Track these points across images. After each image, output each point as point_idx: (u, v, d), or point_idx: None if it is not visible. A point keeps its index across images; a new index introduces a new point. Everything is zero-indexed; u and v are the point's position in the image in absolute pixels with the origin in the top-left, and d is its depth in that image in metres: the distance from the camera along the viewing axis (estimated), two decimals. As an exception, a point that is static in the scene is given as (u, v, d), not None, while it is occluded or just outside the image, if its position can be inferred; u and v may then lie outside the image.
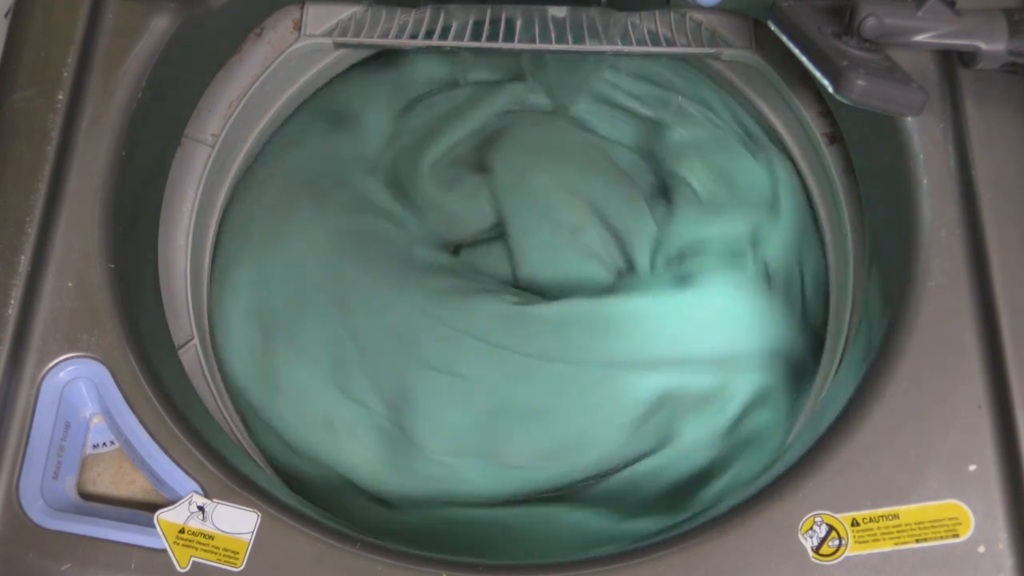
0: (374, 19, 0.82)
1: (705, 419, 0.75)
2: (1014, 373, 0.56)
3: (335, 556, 0.56)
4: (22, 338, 0.61)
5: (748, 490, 0.58)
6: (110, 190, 0.64)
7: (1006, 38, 0.60)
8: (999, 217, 0.60)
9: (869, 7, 0.59)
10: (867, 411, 0.57)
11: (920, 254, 0.60)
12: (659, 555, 0.55)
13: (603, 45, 0.80)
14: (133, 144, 0.66)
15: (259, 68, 0.82)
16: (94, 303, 0.61)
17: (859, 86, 0.57)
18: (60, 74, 0.66)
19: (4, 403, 0.59)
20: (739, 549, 0.55)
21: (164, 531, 0.57)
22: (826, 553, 0.54)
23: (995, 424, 0.56)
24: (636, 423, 0.75)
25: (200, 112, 0.78)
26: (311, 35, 0.82)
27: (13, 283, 0.61)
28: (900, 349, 0.58)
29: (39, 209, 0.63)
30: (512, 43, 0.79)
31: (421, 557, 0.56)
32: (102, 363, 0.60)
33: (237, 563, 0.56)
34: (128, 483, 0.62)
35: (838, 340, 0.73)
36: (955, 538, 0.54)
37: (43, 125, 0.65)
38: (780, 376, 0.76)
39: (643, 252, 0.84)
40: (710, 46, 0.80)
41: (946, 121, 0.63)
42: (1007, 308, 0.58)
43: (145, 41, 0.67)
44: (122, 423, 0.59)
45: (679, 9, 0.81)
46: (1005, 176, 0.61)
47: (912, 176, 0.62)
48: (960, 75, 0.64)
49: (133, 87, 0.66)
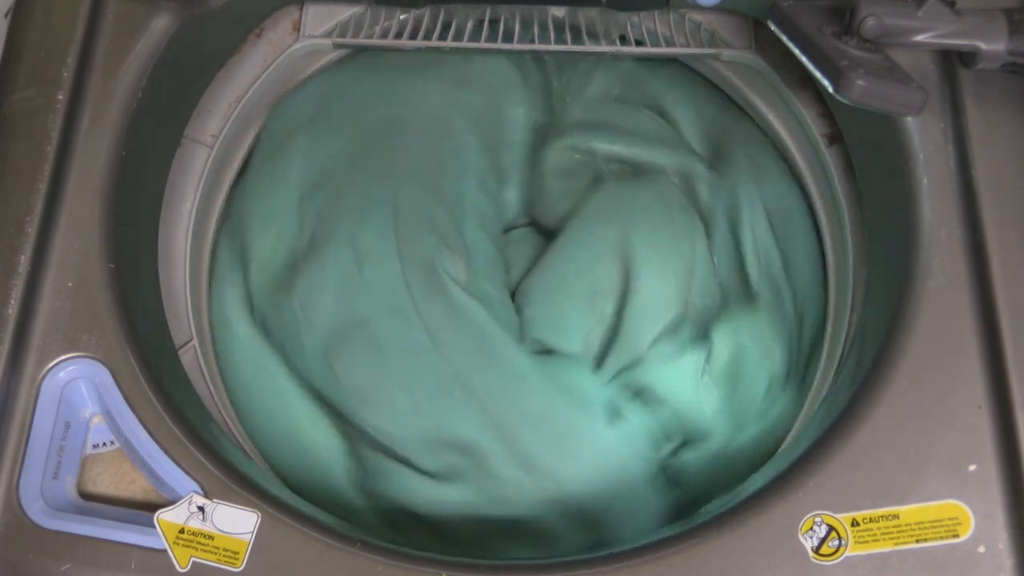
0: (373, 19, 0.82)
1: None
2: (1014, 373, 0.56)
3: (335, 556, 0.56)
4: (22, 338, 0.61)
5: (748, 490, 0.58)
6: (110, 190, 0.64)
7: (1006, 38, 0.60)
8: (999, 217, 0.60)
9: (869, 7, 0.59)
10: (867, 411, 0.57)
11: (920, 254, 0.60)
12: (659, 555, 0.55)
13: (603, 45, 0.80)
14: (133, 144, 0.66)
15: (258, 69, 0.82)
16: (94, 303, 0.61)
17: (859, 86, 0.57)
18: (60, 74, 0.66)
19: (4, 403, 0.59)
20: (739, 549, 0.55)
21: (164, 531, 0.57)
22: (826, 553, 0.54)
23: (995, 424, 0.56)
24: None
25: (200, 112, 0.78)
26: (310, 35, 0.82)
27: (13, 283, 0.61)
28: (900, 349, 0.58)
29: (39, 209, 0.63)
30: (512, 43, 0.79)
31: (421, 557, 0.56)
32: (102, 363, 0.60)
33: (237, 563, 0.56)
34: (128, 483, 0.62)
35: (838, 340, 0.73)
36: (955, 538, 0.54)
37: (43, 125, 0.65)
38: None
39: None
40: (709, 46, 0.80)
41: (946, 121, 0.63)
42: (1007, 308, 0.58)
43: (145, 41, 0.67)
44: (122, 423, 0.59)
45: (679, 9, 0.81)
46: (1005, 176, 0.61)
47: (912, 176, 0.62)
48: (960, 75, 0.64)
49: (133, 87, 0.67)
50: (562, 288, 0.80)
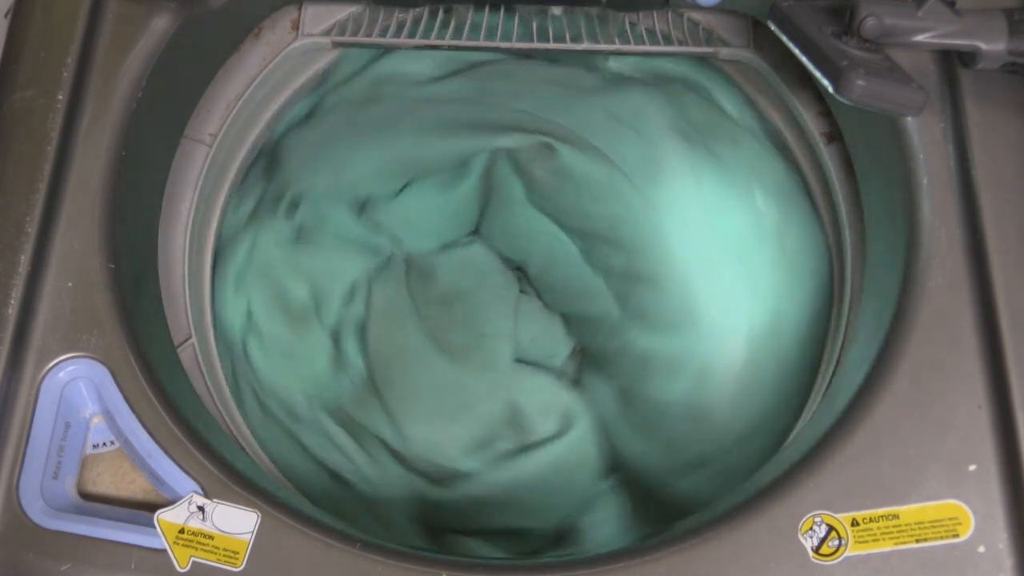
0: (372, 18, 0.82)
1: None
2: (1014, 373, 0.56)
3: (335, 556, 0.56)
4: (22, 338, 0.61)
5: (748, 490, 0.58)
6: (110, 190, 0.64)
7: (1006, 38, 0.60)
8: (999, 217, 0.60)
9: (869, 7, 0.59)
10: (867, 411, 0.57)
11: (920, 254, 0.60)
12: (659, 555, 0.55)
13: (601, 45, 0.80)
14: (133, 144, 0.66)
15: (257, 68, 0.82)
16: (94, 303, 0.61)
17: (859, 86, 0.57)
18: (60, 74, 0.66)
19: (4, 403, 0.59)
20: (739, 549, 0.55)
21: (164, 531, 0.57)
22: (826, 553, 0.54)
23: (995, 424, 0.56)
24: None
25: (199, 112, 0.78)
26: (309, 34, 0.82)
27: (13, 283, 0.61)
28: (900, 349, 0.58)
29: (39, 209, 0.63)
30: (511, 43, 0.79)
31: (421, 557, 0.56)
32: (102, 363, 0.60)
33: (237, 563, 0.56)
34: (128, 483, 0.62)
35: (837, 340, 0.73)
36: (955, 538, 0.54)
37: (43, 125, 0.65)
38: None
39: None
40: (708, 45, 0.80)
41: (946, 121, 0.63)
42: (1007, 308, 0.58)
43: (145, 41, 0.67)
44: (122, 423, 0.59)
45: (678, 9, 0.81)
46: (1005, 176, 0.61)
47: (912, 176, 0.62)
48: (960, 75, 0.64)
49: (133, 87, 0.66)
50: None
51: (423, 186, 0.89)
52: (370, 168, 0.86)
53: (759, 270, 0.79)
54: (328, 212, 0.86)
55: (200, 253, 0.80)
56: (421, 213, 0.90)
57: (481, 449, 0.81)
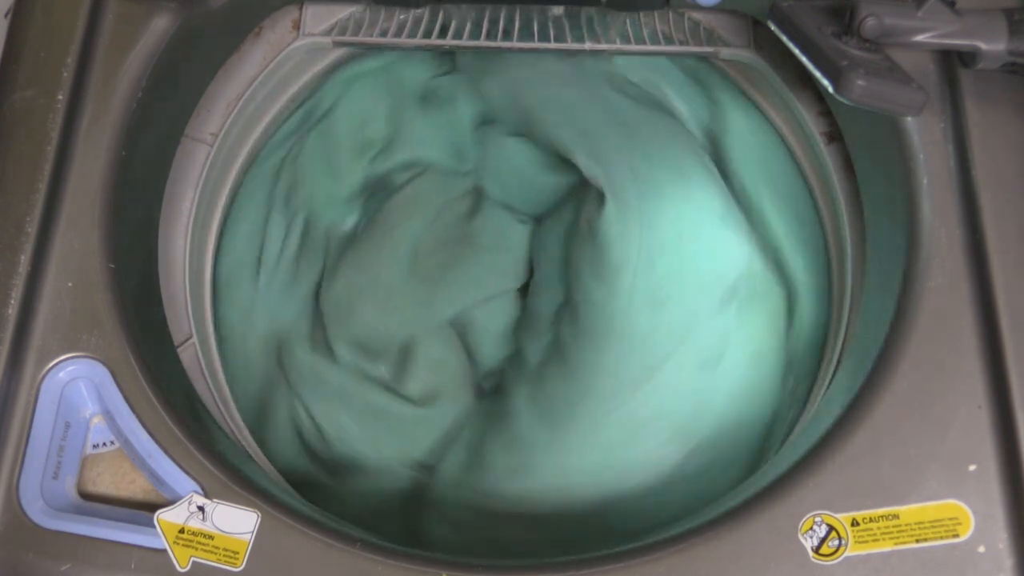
0: (373, 18, 0.83)
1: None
2: (1014, 373, 0.56)
3: (335, 556, 0.56)
4: (22, 338, 0.61)
5: (748, 490, 0.58)
6: (110, 190, 0.64)
7: (1006, 38, 0.60)
8: (999, 217, 0.60)
9: (869, 7, 0.59)
10: (867, 411, 0.57)
11: (920, 254, 0.60)
12: (659, 555, 0.55)
13: (602, 44, 0.80)
14: (133, 144, 0.66)
15: (258, 67, 0.82)
16: (94, 303, 0.61)
17: (859, 86, 0.57)
18: (60, 74, 0.66)
19: (4, 403, 0.59)
20: (739, 549, 0.55)
21: (164, 531, 0.57)
22: (826, 553, 0.54)
23: (995, 424, 0.56)
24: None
25: (200, 111, 0.78)
26: (310, 34, 0.82)
27: (13, 283, 0.61)
28: (900, 349, 0.58)
29: (39, 209, 0.63)
30: (511, 42, 0.79)
31: (421, 557, 0.56)
32: (102, 363, 0.60)
33: (237, 563, 0.56)
34: (128, 483, 0.62)
35: (838, 340, 0.73)
36: (955, 538, 0.54)
37: (43, 125, 0.65)
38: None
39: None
40: (708, 45, 0.80)
41: (946, 121, 0.63)
42: (1007, 308, 0.58)
43: (145, 41, 0.67)
44: (122, 423, 0.59)
45: (678, 9, 0.81)
46: (1005, 176, 0.61)
47: (912, 176, 0.62)
48: (960, 75, 0.64)
49: (133, 87, 0.66)
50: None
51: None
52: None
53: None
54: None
55: (200, 253, 0.80)
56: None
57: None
